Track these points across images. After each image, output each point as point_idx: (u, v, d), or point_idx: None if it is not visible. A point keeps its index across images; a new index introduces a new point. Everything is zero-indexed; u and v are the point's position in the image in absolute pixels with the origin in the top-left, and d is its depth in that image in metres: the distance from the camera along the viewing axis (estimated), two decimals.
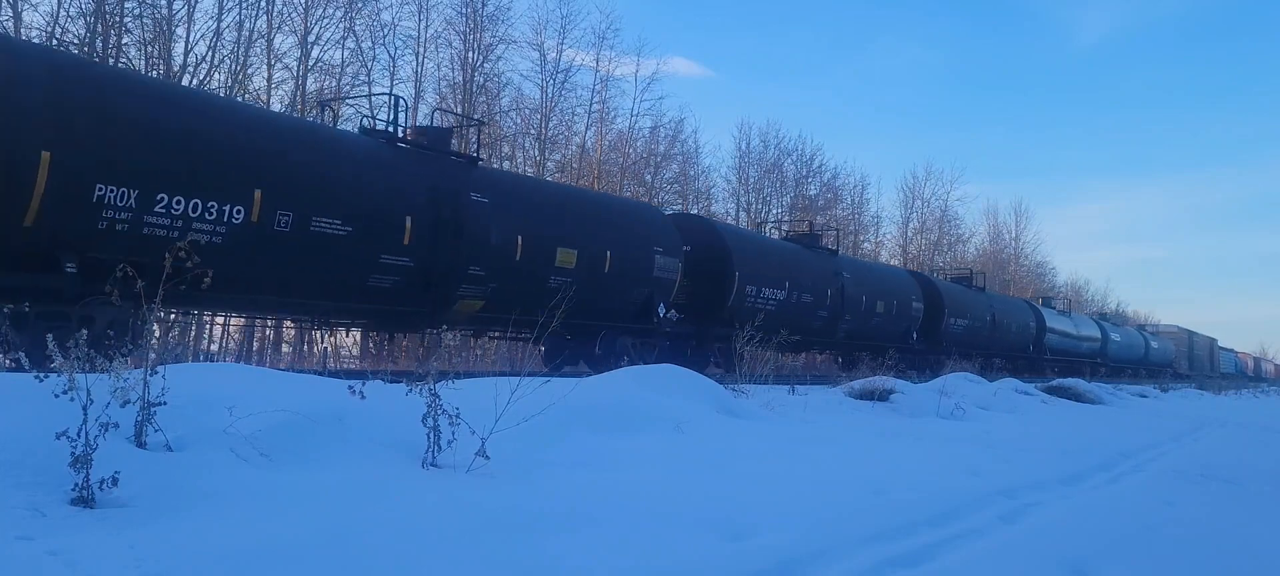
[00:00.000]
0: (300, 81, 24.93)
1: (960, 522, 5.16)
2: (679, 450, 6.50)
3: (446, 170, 12.89)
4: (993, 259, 56.32)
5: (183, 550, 3.24)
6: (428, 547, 3.62)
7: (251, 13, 24.26)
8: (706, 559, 3.92)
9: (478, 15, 28.93)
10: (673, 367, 9.66)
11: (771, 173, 40.76)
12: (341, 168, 11.35)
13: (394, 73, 28.10)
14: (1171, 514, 6.10)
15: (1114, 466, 8.41)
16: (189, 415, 4.51)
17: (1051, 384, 19.18)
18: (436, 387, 5.04)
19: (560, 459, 5.59)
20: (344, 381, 5.99)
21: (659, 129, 35.09)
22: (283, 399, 4.99)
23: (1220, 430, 14.50)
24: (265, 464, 4.46)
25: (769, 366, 12.05)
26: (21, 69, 8.80)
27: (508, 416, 5.34)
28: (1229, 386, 41.10)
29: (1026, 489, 6.48)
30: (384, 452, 4.96)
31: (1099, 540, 5.01)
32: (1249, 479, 8.24)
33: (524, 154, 30.89)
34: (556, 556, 3.73)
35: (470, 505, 4.30)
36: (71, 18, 20.48)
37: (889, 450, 8.03)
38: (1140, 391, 24.96)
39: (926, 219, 52.13)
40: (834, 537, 4.45)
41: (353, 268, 11.36)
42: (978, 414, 12.32)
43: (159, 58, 21.87)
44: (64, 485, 3.63)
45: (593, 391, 7.44)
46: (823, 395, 11.65)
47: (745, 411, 8.93)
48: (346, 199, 11.12)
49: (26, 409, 4.09)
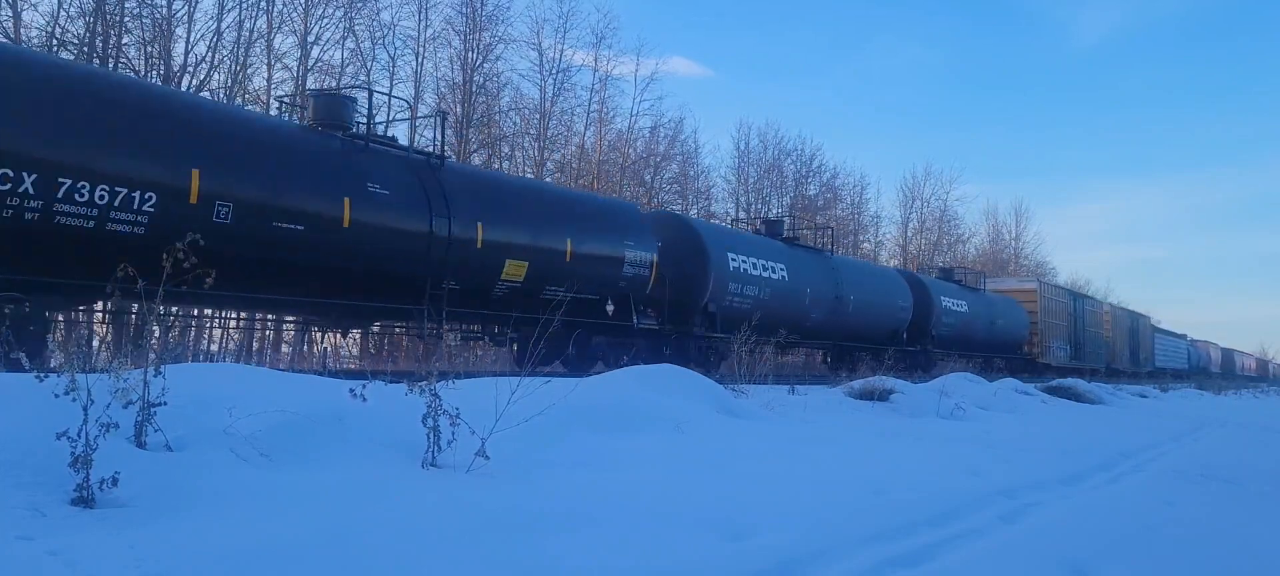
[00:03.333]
0: (300, 82, 24.92)
1: (960, 522, 5.16)
2: (679, 450, 6.50)
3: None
4: (992, 259, 56.33)
5: (183, 550, 3.24)
6: (428, 547, 3.62)
7: (251, 13, 24.31)
8: (707, 559, 3.92)
9: (477, 15, 29.00)
10: (672, 368, 9.66)
11: (771, 172, 40.85)
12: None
13: (393, 73, 28.16)
14: (1172, 514, 6.10)
15: (1114, 466, 8.41)
16: (189, 415, 4.51)
17: (1052, 384, 19.24)
18: (437, 388, 5.04)
19: (560, 459, 5.59)
20: (344, 382, 5.99)
21: (659, 129, 35.20)
22: (283, 399, 4.99)
23: (1220, 430, 14.50)
24: (265, 464, 4.46)
25: (766, 366, 12.05)
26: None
27: (508, 416, 5.34)
28: (1229, 386, 40.94)
29: (1026, 489, 6.48)
30: (384, 452, 4.96)
31: (1099, 540, 5.01)
32: (1249, 479, 8.24)
33: (523, 154, 30.94)
34: (557, 556, 3.73)
35: (470, 505, 4.30)
36: (71, 18, 20.53)
37: (889, 450, 8.03)
38: (1140, 391, 25.02)
39: (926, 219, 52.27)
40: (834, 537, 4.45)
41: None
42: (978, 414, 12.33)
43: (159, 58, 21.88)
44: (64, 485, 3.63)
45: (593, 391, 7.44)
46: (823, 395, 11.65)
47: (745, 411, 8.93)
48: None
49: (27, 409, 4.09)
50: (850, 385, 12.46)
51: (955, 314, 27.47)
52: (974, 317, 28.79)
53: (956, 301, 27.90)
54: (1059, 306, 36.23)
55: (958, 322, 27.65)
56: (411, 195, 12.06)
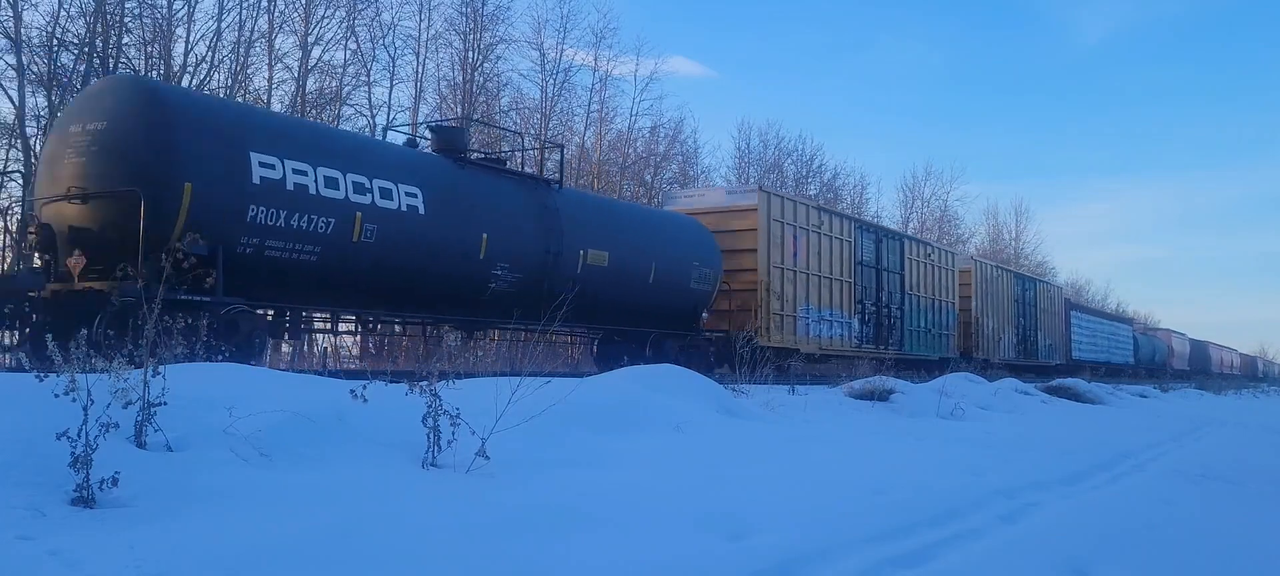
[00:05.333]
0: (300, 82, 24.94)
1: (960, 522, 5.16)
2: (679, 450, 6.51)
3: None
4: (992, 259, 56.34)
5: (183, 550, 3.24)
6: (428, 547, 3.62)
7: (252, 13, 24.31)
8: (706, 559, 3.92)
9: (478, 15, 29.00)
10: (673, 368, 9.67)
11: (771, 172, 40.82)
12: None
13: (394, 73, 28.17)
14: (1172, 513, 6.10)
15: (1114, 466, 8.41)
16: (189, 415, 4.51)
17: (1052, 384, 19.33)
18: (437, 388, 5.04)
19: (561, 459, 5.59)
20: (344, 382, 5.99)
21: (658, 128, 35.19)
22: (283, 399, 5.00)
23: (1220, 430, 14.51)
24: (265, 464, 4.46)
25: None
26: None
27: (508, 416, 5.34)
28: (1229, 386, 40.77)
29: (1026, 489, 6.48)
30: (384, 453, 4.96)
31: (1099, 540, 5.02)
32: (1249, 478, 8.25)
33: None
34: (557, 556, 3.73)
35: (470, 505, 4.30)
36: (72, 18, 20.53)
37: (889, 450, 8.04)
38: (1140, 391, 25.14)
39: (926, 219, 52.28)
40: (834, 537, 4.45)
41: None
42: (977, 414, 12.35)
43: (159, 58, 21.89)
44: (64, 485, 3.63)
45: (593, 391, 7.44)
46: (823, 395, 11.66)
47: (745, 411, 8.93)
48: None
49: (27, 409, 4.09)
50: (850, 385, 12.52)
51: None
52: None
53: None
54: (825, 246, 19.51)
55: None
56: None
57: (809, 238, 18.93)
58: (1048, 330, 34.43)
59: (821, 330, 19.26)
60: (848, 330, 20.23)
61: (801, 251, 18.66)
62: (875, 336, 21.40)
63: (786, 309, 18.11)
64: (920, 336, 23.78)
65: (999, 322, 29.45)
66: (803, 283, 18.67)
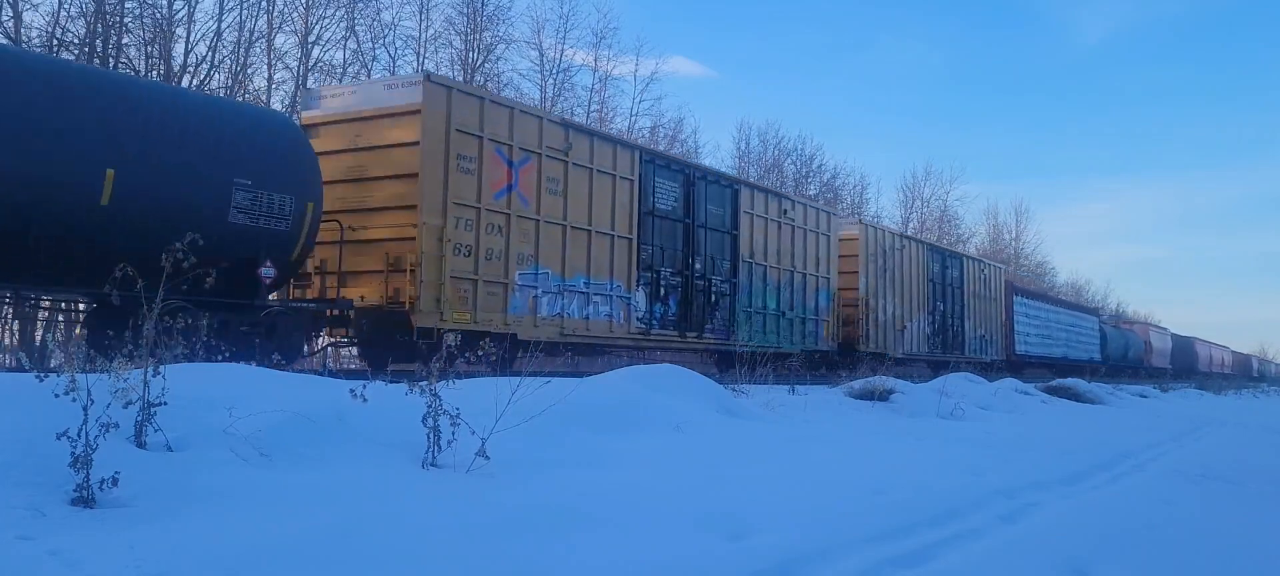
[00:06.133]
0: (300, 82, 24.94)
1: (960, 522, 5.16)
2: (679, 450, 6.51)
3: None
4: (992, 259, 56.31)
5: (183, 550, 3.24)
6: (428, 547, 3.62)
7: (252, 13, 24.32)
8: (706, 558, 3.92)
9: (478, 15, 29.03)
10: (673, 367, 9.68)
11: (771, 172, 40.84)
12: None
13: (394, 73, 28.12)
14: (1172, 513, 6.10)
15: (1114, 466, 8.41)
16: (189, 415, 4.51)
17: (1051, 384, 19.43)
18: (437, 388, 5.04)
19: (560, 459, 5.59)
20: (344, 382, 5.99)
21: (658, 128, 35.23)
22: (283, 399, 5.00)
23: (1220, 430, 14.51)
24: (265, 464, 4.47)
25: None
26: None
27: (508, 416, 5.35)
28: (1229, 387, 40.79)
29: (1026, 489, 6.48)
30: (384, 452, 4.96)
31: (1099, 540, 5.02)
32: (1249, 478, 8.25)
33: None
34: (557, 556, 3.73)
35: (470, 505, 4.31)
36: (72, 18, 20.53)
37: (889, 450, 8.04)
38: (1140, 391, 25.22)
39: (926, 219, 52.27)
40: (834, 537, 4.45)
41: None
42: (977, 414, 12.37)
43: (159, 58, 21.89)
44: (64, 485, 3.63)
45: (593, 391, 7.45)
46: (823, 395, 11.67)
47: (745, 411, 8.94)
48: None
49: (27, 409, 4.09)
50: (850, 385, 12.57)
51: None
52: None
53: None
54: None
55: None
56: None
57: (551, 166, 13.40)
58: (980, 318, 28.27)
59: (572, 307, 13.81)
60: (625, 309, 14.80)
61: (531, 187, 13.12)
62: (679, 319, 16.04)
63: (494, 273, 12.48)
64: (767, 321, 18.16)
65: (903, 307, 23.27)
66: (529, 234, 13.04)
